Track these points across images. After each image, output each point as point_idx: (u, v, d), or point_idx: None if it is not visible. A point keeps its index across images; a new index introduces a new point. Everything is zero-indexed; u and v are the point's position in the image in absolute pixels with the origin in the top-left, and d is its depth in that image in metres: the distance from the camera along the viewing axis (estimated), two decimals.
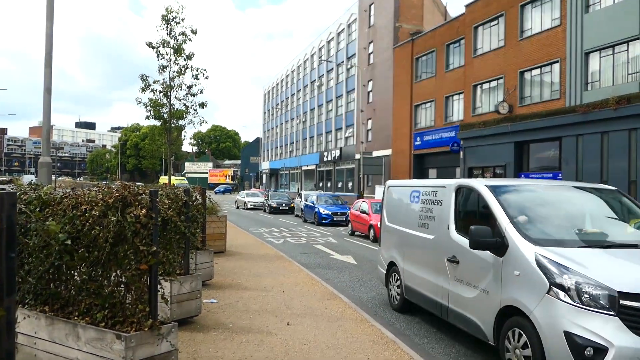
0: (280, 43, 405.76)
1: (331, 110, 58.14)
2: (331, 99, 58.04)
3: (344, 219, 28.17)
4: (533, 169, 27.03)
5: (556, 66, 25.28)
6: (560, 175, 24.52)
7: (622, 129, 21.34)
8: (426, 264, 8.05)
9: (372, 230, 20.87)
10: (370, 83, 46.66)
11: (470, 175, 31.30)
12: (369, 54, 47.29)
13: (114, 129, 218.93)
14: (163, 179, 70.08)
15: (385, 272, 9.89)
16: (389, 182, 10.41)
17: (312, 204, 30.22)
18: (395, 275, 9.39)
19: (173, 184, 65.09)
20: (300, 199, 34.61)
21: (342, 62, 54.48)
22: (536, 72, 26.83)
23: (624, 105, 20.97)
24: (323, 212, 28.70)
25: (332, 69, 57.92)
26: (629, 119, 20.93)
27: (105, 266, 5.26)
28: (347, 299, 9.82)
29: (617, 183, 21.45)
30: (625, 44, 21.94)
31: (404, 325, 8.46)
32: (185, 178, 77.40)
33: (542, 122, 25.09)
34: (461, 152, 31.69)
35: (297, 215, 35.01)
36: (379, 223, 20.69)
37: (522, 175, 27.17)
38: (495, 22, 29.80)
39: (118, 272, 5.28)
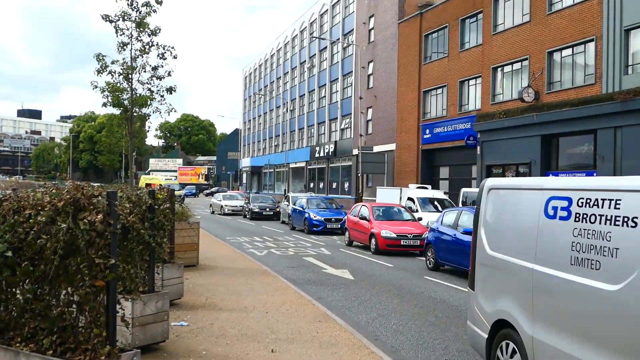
0: (263, 16, 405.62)
1: (324, 97, 58.22)
2: (324, 84, 58.11)
3: (339, 226, 28.21)
4: (563, 167, 27.18)
5: (591, 46, 25.42)
6: (595, 174, 24.67)
7: None
8: (601, 339, 5.22)
9: (373, 240, 20.70)
10: (371, 65, 46.74)
11: (489, 174, 31.44)
12: (370, 31, 47.36)
13: (64, 119, 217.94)
14: (146, 179, 69.65)
15: (486, 336, 7.00)
16: (491, 181, 7.75)
17: (301, 209, 30.23)
18: (510, 345, 6.50)
19: (160, 184, 64.88)
20: (287, 203, 34.60)
21: (338, 39, 54.55)
22: (567, 52, 26.97)
23: None
24: (314, 218, 28.68)
25: (326, 47, 57.98)
26: None
27: (53, 282, 5.23)
28: (342, 321, 9.83)
29: None
30: None
31: (412, 352, 8.48)
32: (174, 177, 76.13)
33: (573, 111, 25.23)
34: (478, 147, 31.81)
35: (283, 222, 35.02)
36: (382, 232, 20.65)
37: (550, 175, 27.33)
38: None
39: (69, 289, 5.26)
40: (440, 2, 37.93)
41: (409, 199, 26.83)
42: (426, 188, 29.79)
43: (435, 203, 26.62)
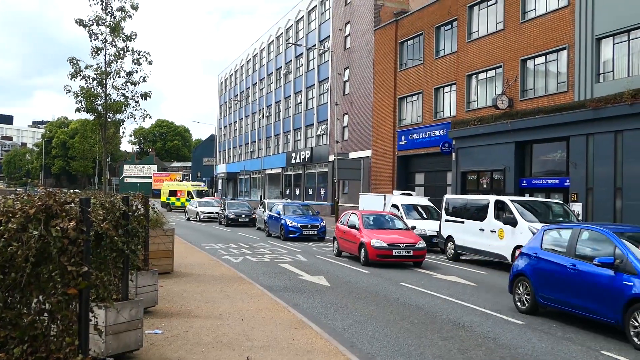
0: (240, 22, 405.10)
1: (300, 103, 58.27)
2: (300, 90, 58.17)
3: (316, 232, 28.19)
4: (536, 173, 27.53)
5: (563, 54, 25.83)
6: (568, 181, 25.03)
7: (638, 127, 21.90)
8: None
9: (363, 251, 19.27)
10: (347, 71, 46.92)
11: (464, 180, 31.72)
12: (345, 37, 47.55)
13: (36, 124, 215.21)
14: (170, 186, 66.31)
15: None
16: None
17: (277, 215, 29.92)
18: None
19: (188, 191, 60.81)
20: (263, 209, 34.47)
21: (314, 46, 54.69)
22: (540, 60, 27.37)
23: None
24: (291, 225, 28.32)
25: (302, 54, 58.08)
26: None
27: (25, 291, 5.16)
28: (318, 328, 9.82)
29: (632, 190, 22.03)
30: None
31: (387, 359, 8.50)
32: (204, 183, 70.39)
33: (546, 119, 25.59)
34: (453, 154, 32.09)
35: (259, 229, 34.88)
36: (372, 241, 18.86)
37: (524, 181, 27.66)
38: (494, 1, 30.32)
39: (41, 297, 5.19)
40: (415, 10, 38.27)
41: (393, 205, 26.39)
42: (410, 194, 29.22)
43: (420, 210, 26.20)
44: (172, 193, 62.43)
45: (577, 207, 23.86)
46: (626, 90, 22.02)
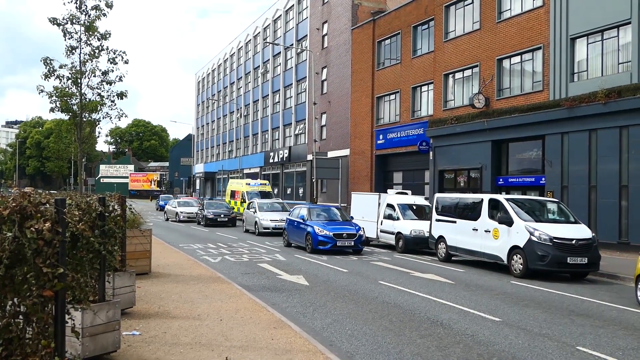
0: (216, 21, 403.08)
1: (278, 102, 58.21)
2: (278, 89, 58.13)
3: (353, 243, 22.67)
4: (513, 171, 27.81)
5: (538, 53, 26.13)
6: (543, 179, 25.32)
7: (612, 126, 22.25)
8: None
9: None
10: (325, 70, 46.97)
11: (442, 178, 31.92)
12: (323, 36, 47.60)
13: (9, 124, 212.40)
14: (232, 185, 51.08)
15: None
16: None
17: (301, 221, 24.33)
18: None
19: (245, 191, 47.33)
20: (254, 210, 33.28)
21: (291, 45, 54.66)
22: (516, 59, 27.65)
23: (614, 100, 21.88)
24: (320, 234, 22.64)
25: (280, 53, 58.03)
26: (620, 115, 21.84)
27: None
28: (297, 327, 9.82)
29: (606, 188, 22.36)
30: (616, 29, 22.89)
31: (366, 357, 8.53)
32: (267, 182, 50.25)
33: (522, 117, 25.87)
34: (431, 153, 32.29)
35: (247, 230, 34.45)
36: None
37: (501, 179, 27.92)
38: (470, 0, 30.56)
39: (15, 300, 5.12)
40: (392, 9, 38.44)
41: (389, 205, 24.96)
42: (406, 193, 27.85)
43: (416, 210, 24.88)
44: (232, 195, 48.68)
45: None
46: (600, 89, 22.35)
